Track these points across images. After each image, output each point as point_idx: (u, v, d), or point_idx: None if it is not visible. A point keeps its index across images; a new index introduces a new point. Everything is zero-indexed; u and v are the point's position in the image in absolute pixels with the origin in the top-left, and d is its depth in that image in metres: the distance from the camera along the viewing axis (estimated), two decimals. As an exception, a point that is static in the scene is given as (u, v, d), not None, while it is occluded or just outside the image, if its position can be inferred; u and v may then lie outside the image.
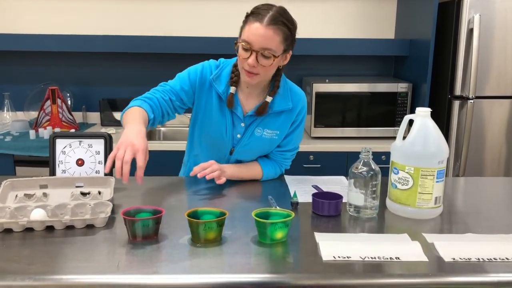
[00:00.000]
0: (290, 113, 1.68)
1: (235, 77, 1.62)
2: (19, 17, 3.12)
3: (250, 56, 1.49)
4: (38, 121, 2.92)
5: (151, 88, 1.71)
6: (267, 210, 1.25)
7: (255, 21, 1.47)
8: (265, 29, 1.46)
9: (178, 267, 1.07)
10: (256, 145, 1.69)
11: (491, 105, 2.67)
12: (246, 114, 1.66)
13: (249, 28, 1.48)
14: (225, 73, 1.64)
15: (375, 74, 3.27)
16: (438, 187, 1.36)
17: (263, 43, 1.47)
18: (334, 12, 3.19)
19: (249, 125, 1.67)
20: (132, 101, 1.63)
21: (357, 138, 2.86)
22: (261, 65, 1.50)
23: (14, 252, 1.13)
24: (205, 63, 1.67)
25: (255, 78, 1.55)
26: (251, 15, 1.50)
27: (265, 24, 1.46)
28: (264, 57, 1.49)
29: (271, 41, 1.47)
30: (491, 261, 1.10)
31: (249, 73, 1.53)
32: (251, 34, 1.47)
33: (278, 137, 1.70)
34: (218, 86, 1.63)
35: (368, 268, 1.08)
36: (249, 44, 1.48)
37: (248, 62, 1.49)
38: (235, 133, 1.68)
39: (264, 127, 1.67)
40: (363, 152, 1.38)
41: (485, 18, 2.55)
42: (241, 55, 1.51)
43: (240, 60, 1.53)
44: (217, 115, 1.65)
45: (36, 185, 1.48)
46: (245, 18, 1.53)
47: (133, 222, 1.18)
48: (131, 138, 1.38)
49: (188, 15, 3.15)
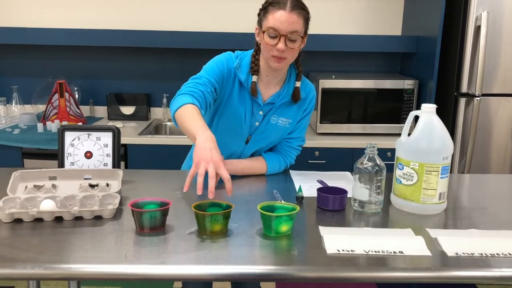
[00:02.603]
0: (303, 102, 1.76)
1: (256, 66, 1.68)
2: (27, 10, 3.15)
3: (279, 41, 1.55)
4: (46, 114, 2.95)
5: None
6: (272, 204, 1.27)
7: (279, 9, 1.55)
8: (290, 14, 1.54)
9: (184, 258, 1.09)
10: (271, 133, 1.75)
11: (498, 102, 2.67)
12: (265, 102, 1.71)
13: (273, 16, 1.55)
14: (245, 62, 1.69)
15: (381, 71, 3.27)
16: (442, 183, 1.37)
17: (290, 27, 1.55)
18: (341, 9, 3.19)
19: (267, 113, 1.72)
20: (179, 97, 1.57)
21: (363, 134, 2.86)
22: (289, 48, 1.57)
23: (24, 241, 1.15)
24: (226, 54, 1.72)
25: (284, 62, 1.61)
26: (270, 5, 1.58)
27: (289, 10, 1.54)
28: (291, 40, 1.56)
29: (297, 24, 1.56)
30: (494, 256, 1.11)
31: (279, 58, 1.59)
32: (277, 21, 1.54)
33: (290, 126, 1.76)
34: (241, 74, 1.68)
35: (371, 261, 1.09)
36: (277, 31, 1.55)
37: (278, 47, 1.56)
38: (253, 121, 1.72)
39: (279, 115, 1.73)
40: (369, 147, 1.39)
41: (493, 15, 2.54)
42: (268, 43, 1.57)
43: (268, 48, 1.59)
44: (237, 104, 1.69)
45: (45, 176, 1.50)
46: (262, 10, 1.61)
47: (141, 214, 1.20)
48: (208, 155, 1.35)
49: (198, 10, 3.16)
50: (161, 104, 3.21)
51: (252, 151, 1.79)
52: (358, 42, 3.00)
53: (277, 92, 1.72)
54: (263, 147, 1.79)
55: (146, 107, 3.17)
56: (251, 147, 1.77)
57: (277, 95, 1.72)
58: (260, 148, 1.79)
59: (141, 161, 2.70)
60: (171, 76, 3.22)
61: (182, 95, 1.57)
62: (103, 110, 3.24)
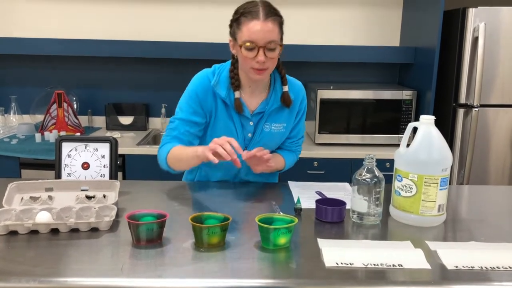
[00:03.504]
0: (293, 104, 1.72)
1: (236, 81, 1.64)
2: (26, 21, 3.15)
3: (258, 53, 1.51)
4: (44, 125, 2.94)
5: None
6: (270, 216, 1.26)
7: (252, 19, 1.50)
8: (265, 24, 1.49)
9: (181, 271, 1.08)
10: (268, 141, 1.73)
11: (496, 113, 2.67)
12: (253, 113, 1.69)
13: (248, 27, 1.51)
14: (223, 78, 1.65)
15: (379, 81, 3.28)
16: (441, 195, 1.36)
17: (267, 36, 1.50)
18: (339, 19, 3.20)
19: (258, 122, 1.70)
20: (162, 149, 1.68)
21: (361, 145, 2.86)
22: (269, 58, 1.53)
23: (19, 254, 1.14)
24: (199, 75, 1.68)
25: (265, 73, 1.58)
26: (241, 16, 1.53)
27: (263, 19, 1.49)
28: (270, 50, 1.52)
29: (273, 32, 1.52)
30: (494, 269, 1.10)
31: (260, 70, 1.55)
32: (253, 32, 1.50)
33: (285, 129, 1.75)
34: (220, 91, 1.64)
35: (370, 275, 1.08)
36: (254, 43, 1.50)
37: (258, 59, 1.52)
38: (245, 133, 1.70)
39: (271, 122, 1.71)
40: (367, 159, 1.38)
41: (490, 26, 2.55)
42: (247, 56, 1.53)
43: (247, 61, 1.55)
44: (225, 120, 1.67)
45: (41, 188, 1.49)
46: (234, 22, 1.56)
47: (138, 226, 1.19)
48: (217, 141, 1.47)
49: (195, 21, 3.17)
50: (159, 114, 3.20)
51: None
52: (356, 53, 3.01)
53: (265, 100, 1.69)
54: None
55: (145, 117, 3.17)
56: None
57: (265, 103, 1.69)
58: None
59: (139, 171, 2.69)
60: (169, 86, 3.22)
61: (163, 146, 1.67)
62: (101, 120, 3.23)
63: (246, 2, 1.56)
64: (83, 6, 3.14)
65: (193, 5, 3.15)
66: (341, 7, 3.18)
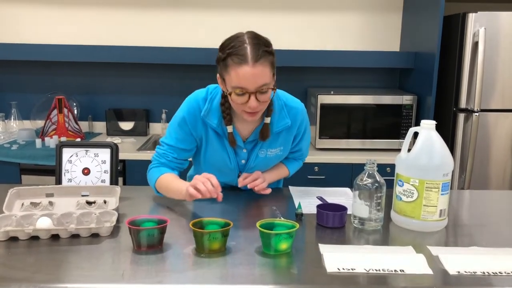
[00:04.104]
0: (290, 129, 1.64)
1: (227, 115, 1.55)
2: (26, 26, 3.16)
3: (249, 99, 1.41)
4: (44, 130, 2.94)
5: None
6: (271, 221, 1.25)
7: (240, 64, 1.37)
8: (255, 68, 1.37)
9: (182, 277, 1.08)
10: (264, 165, 1.68)
11: (496, 118, 2.67)
12: (246, 141, 1.62)
13: (237, 73, 1.38)
14: (215, 105, 1.56)
15: (380, 86, 3.28)
16: (443, 200, 1.36)
17: (258, 82, 1.39)
18: (339, 25, 3.21)
19: (252, 149, 1.64)
20: (151, 172, 1.64)
21: (362, 150, 2.86)
22: (262, 102, 1.44)
23: (20, 260, 1.14)
24: (189, 100, 1.59)
25: (258, 115, 1.50)
26: (228, 57, 1.40)
27: (252, 63, 1.37)
28: (262, 93, 1.42)
29: (264, 76, 1.40)
30: (496, 274, 1.10)
31: (252, 114, 1.47)
32: (242, 79, 1.39)
33: (283, 152, 1.69)
34: (211, 121, 1.56)
35: (372, 280, 1.07)
36: (244, 89, 1.40)
37: (250, 105, 1.42)
38: (239, 160, 1.65)
39: (267, 148, 1.64)
40: (368, 164, 1.38)
41: (490, 31, 2.55)
42: (238, 102, 1.43)
43: (238, 106, 1.46)
44: (217, 147, 1.62)
45: (42, 193, 1.49)
46: (221, 61, 1.44)
47: (138, 232, 1.19)
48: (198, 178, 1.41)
49: (196, 27, 3.17)
50: (160, 120, 3.21)
51: None
52: (356, 58, 3.02)
53: (258, 127, 1.61)
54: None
55: (145, 123, 3.17)
56: None
57: (258, 131, 1.61)
58: None
59: (139, 177, 2.68)
60: (170, 92, 3.23)
61: (151, 169, 1.64)
62: (102, 125, 3.23)
63: (232, 37, 1.44)
64: (83, 12, 3.15)
65: (194, 11, 3.16)
66: (342, 13, 3.19)
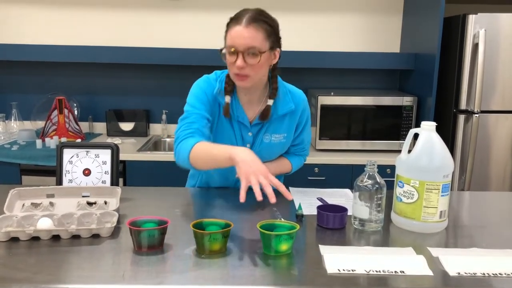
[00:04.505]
0: (293, 114, 1.70)
1: (229, 86, 1.63)
2: (26, 27, 3.16)
3: (237, 58, 1.50)
4: (44, 131, 2.94)
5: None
6: (272, 222, 1.25)
7: (235, 24, 1.51)
8: (245, 29, 1.49)
9: (182, 278, 1.08)
10: (267, 152, 1.71)
11: (496, 119, 2.67)
12: (252, 123, 1.67)
13: (230, 33, 1.52)
14: (224, 86, 1.65)
15: (380, 88, 3.28)
16: (443, 201, 1.36)
17: (246, 42, 1.49)
18: (340, 26, 3.21)
19: (257, 133, 1.68)
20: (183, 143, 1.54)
21: (362, 151, 2.86)
22: (249, 64, 1.51)
23: (20, 260, 1.14)
24: (204, 80, 1.66)
25: (247, 81, 1.55)
26: (230, 21, 1.54)
27: (244, 24, 1.49)
28: (250, 56, 1.50)
29: (254, 39, 1.50)
30: (496, 276, 1.10)
31: (240, 76, 1.53)
32: (234, 37, 1.50)
33: (286, 140, 1.72)
34: (222, 100, 1.63)
35: (372, 281, 1.07)
36: (234, 47, 1.50)
37: (236, 64, 1.50)
38: (245, 143, 1.68)
39: (271, 133, 1.69)
40: (368, 165, 1.38)
41: (490, 33, 2.56)
42: (229, 61, 1.53)
43: (230, 67, 1.55)
44: (226, 128, 1.66)
45: (43, 194, 1.49)
46: (226, 27, 1.56)
47: (139, 232, 1.19)
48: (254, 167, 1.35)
49: (196, 28, 3.18)
50: (160, 120, 3.21)
51: None
52: (356, 59, 3.02)
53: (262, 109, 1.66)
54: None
55: (145, 123, 3.17)
56: None
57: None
58: None
59: (140, 178, 2.69)
60: (170, 92, 3.23)
61: (184, 140, 1.55)
62: (102, 126, 3.23)
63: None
64: (84, 12, 3.15)
65: (194, 12, 3.16)
66: (342, 14, 3.20)
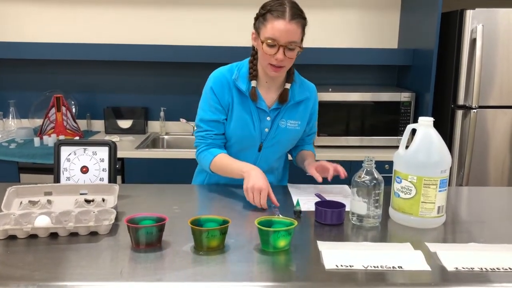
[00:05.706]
0: (307, 102, 1.78)
1: (254, 71, 1.69)
2: (24, 25, 3.15)
3: (278, 51, 1.56)
4: (42, 129, 2.93)
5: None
6: (270, 218, 1.26)
7: (278, 18, 1.55)
8: (289, 25, 1.54)
9: (181, 274, 1.08)
10: (283, 137, 1.76)
11: (494, 114, 2.67)
12: (270, 108, 1.72)
13: (272, 25, 1.55)
14: (243, 73, 1.71)
15: (378, 84, 3.28)
16: (441, 196, 1.36)
17: (289, 37, 1.55)
18: (337, 22, 3.21)
19: (274, 118, 1.73)
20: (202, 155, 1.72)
21: (360, 147, 2.86)
22: (288, 58, 1.58)
23: (18, 258, 1.14)
24: (214, 74, 1.73)
25: (282, 71, 1.64)
26: (268, 12, 1.57)
27: (288, 19, 1.54)
28: (289, 50, 1.57)
29: (295, 34, 1.56)
30: (494, 270, 1.10)
31: (277, 67, 1.61)
32: (276, 31, 1.55)
33: (300, 127, 1.78)
34: (241, 84, 1.68)
35: (370, 276, 1.08)
36: (275, 41, 1.55)
37: (277, 57, 1.57)
38: (262, 128, 1.73)
39: (287, 118, 1.74)
40: (366, 161, 1.38)
41: (488, 28, 2.56)
42: (267, 52, 1.58)
43: (266, 57, 1.60)
44: (243, 113, 1.70)
45: (40, 192, 1.49)
46: (260, 16, 1.60)
47: (137, 230, 1.19)
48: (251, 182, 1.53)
49: (195, 25, 3.17)
50: (158, 118, 3.20)
51: (265, 158, 1.77)
52: (354, 55, 3.01)
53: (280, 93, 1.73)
54: (276, 154, 1.79)
55: (144, 121, 3.17)
56: (264, 154, 1.76)
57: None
58: (272, 156, 1.79)
59: (138, 175, 2.68)
60: (168, 90, 3.22)
61: (202, 153, 1.72)
62: (100, 124, 3.23)
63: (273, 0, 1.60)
64: (81, 10, 3.14)
65: (193, 9, 3.15)
66: (339, 10, 3.19)
